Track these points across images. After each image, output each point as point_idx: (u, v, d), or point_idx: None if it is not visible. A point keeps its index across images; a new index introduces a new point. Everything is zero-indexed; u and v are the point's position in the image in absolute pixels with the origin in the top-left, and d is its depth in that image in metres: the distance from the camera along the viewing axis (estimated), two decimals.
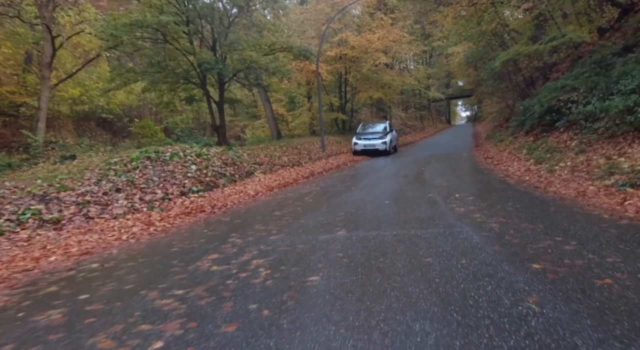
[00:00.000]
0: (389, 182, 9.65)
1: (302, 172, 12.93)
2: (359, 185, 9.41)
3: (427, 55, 43.78)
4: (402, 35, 22.59)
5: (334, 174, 12.82)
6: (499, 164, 11.13)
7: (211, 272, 3.72)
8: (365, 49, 22.04)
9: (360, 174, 12.21)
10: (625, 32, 13.51)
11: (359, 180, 10.53)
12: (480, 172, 10.21)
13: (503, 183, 8.04)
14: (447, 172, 10.64)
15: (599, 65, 11.75)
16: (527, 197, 6.35)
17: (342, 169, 14.27)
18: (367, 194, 7.92)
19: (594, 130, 8.93)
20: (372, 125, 20.44)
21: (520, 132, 14.21)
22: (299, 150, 16.58)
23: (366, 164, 15.51)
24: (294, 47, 16.00)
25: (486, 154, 14.06)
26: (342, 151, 19.55)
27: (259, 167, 12.67)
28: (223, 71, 14.87)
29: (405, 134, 31.87)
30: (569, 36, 14.17)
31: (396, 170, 12.26)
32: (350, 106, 27.20)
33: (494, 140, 16.98)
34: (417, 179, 9.86)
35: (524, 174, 8.91)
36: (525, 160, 10.52)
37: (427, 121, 44.08)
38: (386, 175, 11.02)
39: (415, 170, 11.68)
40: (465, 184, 8.33)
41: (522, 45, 15.56)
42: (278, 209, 7.20)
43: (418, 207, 6.13)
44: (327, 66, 22.07)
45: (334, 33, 22.78)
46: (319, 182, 10.96)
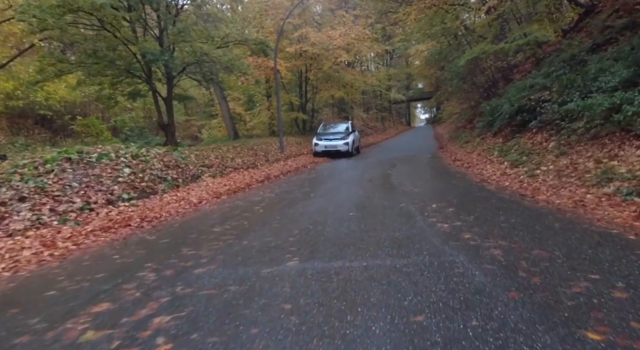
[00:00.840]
0: (353, 187, 8.42)
1: (257, 176, 11.50)
2: (319, 191, 8.12)
3: (387, 56, 43.29)
4: (364, 33, 21.56)
5: (292, 177, 11.48)
6: (470, 167, 10.17)
7: (77, 346, 2.29)
8: (326, 46, 20.85)
9: (321, 177, 10.94)
10: (590, 31, 12.98)
11: (320, 185, 9.25)
12: (452, 176, 9.17)
13: (482, 189, 6.98)
14: (416, 176, 9.56)
15: (569, 63, 11.07)
16: (517, 207, 5.27)
17: (301, 171, 12.95)
18: (328, 203, 6.63)
19: (573, 130, 8.09)
20: (334, 125, 19.25)
21: (488, 133, 13.43)
22: (255, 152, 15.12)
23: (327, 166, 14.27)
24: (250, 39, 14.53)
25: (453, 156, 13.16)
26: (302, 152, 18.23)
27: (207, 170, 11.12)
28: (169, 63, 13.18)
29: (367, 135, 30.98)
30: (534, 35, 13.55)
31: (360, 173, 11.08)
32: (311, 106, 25.94)
33: (459, 142, 16.20)
34: (384, 183, 8.70)
35: (501, 178, 7.92)
36: (499, 163, 9.61)
37: (388, 123, 43.56)
38: (349, 179, 9.80)
39: (380, 173, 10.54)
40: (439, 191, 7.21)
41: (487, 43, 14.85)
42: (220, 222, 5.78)
43: (390, 222, 4.90)
44: (286, 63, 20.69)
45: (294, 29, 21.45)
46: (274, 187, 9.59)
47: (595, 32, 12.40)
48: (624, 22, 10.97)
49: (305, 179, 10.64)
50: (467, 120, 19.46)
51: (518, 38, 13.88)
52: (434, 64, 19.59)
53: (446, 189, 7.39)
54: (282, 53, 21.31)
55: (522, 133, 10.69)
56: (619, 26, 10.96)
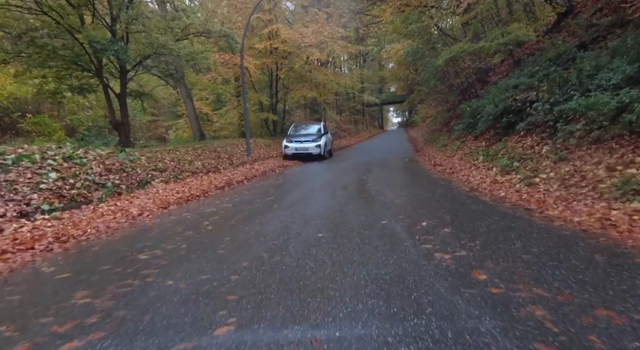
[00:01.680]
0: (324, 196, 7.16)
1: (217, 181, 10.08)
2: (284, 202, 6.81)
3: (361, 59, 42.43)
4: (337, 31, 20.41)
5: (257, 183, 10.12)
6: (453, 173, 9.08)
7: None
8: (297, 44, 19.58)
9: (289, 183, 9.63)
10: (573, 31, 12.26)
11: (286, 193, 7.94)
12: (436, 183, 8.04)
13: (476, 201, 5.84)
14: (396, 183, 8.39)
15: (556, 62, 10.20)
16: (530, 227, 4.12)
17: (268, 176, 11.60)
18: (293, 218, 5.34)
19: (570, 133, 7.10)
20: (305, 127, 17.96)
21: (469, 136, 12.45)
22: (219, 154, 13.64)
23: (297, 170, 12.96)
24: (213, 31, 13.06)
25: (432, 160, 12.11)
26: (272, 155, 16.86)
27: (159, 175, 9.61)
28: (120, 54, 11.56)
29: (340, 138, 29.86)
30: (515, 34, 12.66)
31: (333, 178, 9.84)
32: (282, 106, 24.56)
33: (436, 145, 15.22)
34: (360, 192, 7.47)
35: (493, 187, 6.83)
36: (486, 168, 8.56)
37: (361, 125, 42.67)
38: (321, 186, 8.54)
39: (356, 179, 9.32)
40: (426, 202, 6.02)
41: (466, 42, 13.92)
42: (153, 245, 4.39)
43: (372, 249, 3.65)
44: (256, 61, 19.27)
45: (264, 24, 20.08)
46: (234, 195, 8.22)
47: (580, 31, 11.67)
48: (610, 20, 10.26)
49: (271, 186, 9.31)
50: (443, 123, 18.57)
51: (498, 37, 12.99)
52: (409, 64, 18.56)
53: (433, 199, 6.21)
54: (251, 50, 19.91)
55: (509, 136, 9.71)
56: (606, 24, 10.24)
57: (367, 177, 9.44)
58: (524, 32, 12.86)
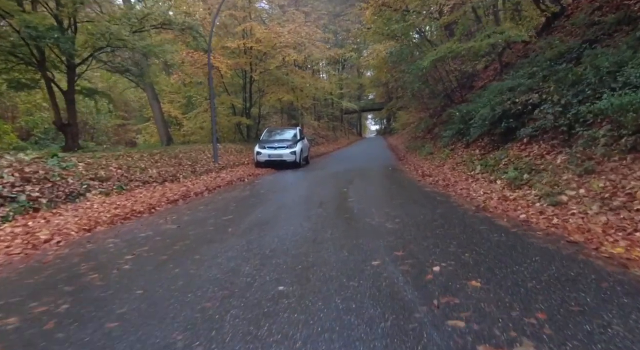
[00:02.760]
0: (295, 217, 5.59)
1: (171, 193, 8.38)
2: (243, 224, 5.22)
3: (340, 65, 41.23)
4: (315, 31, 18.99)
5: (219, 195, 8.48)
6: (448, 186, 7.66)
7: None
8: (273, 44, 18.04)
9: (256, 196, 8.01)
10: (569, 31, 11.19)
11: (249, 210, 6.33)
12: (431, 198, 6.57)
13: (492, 226, 4.38)
14: (383, 198, 6.89)
15: (557, 61, 9.02)
16: (600, 279, 2.66)
17: (234, 186, 9.95)
18: (248, 254, 3.75)
19: (592, 139, 5.79)
20: (280, 132, 16.36)
21: (459, 144, 11.14)
22: (180, 160, 11.90)
23: (269, 180, 11.35)
24: (175, 23, 11.37)
25: (419, 170, 10.70)
26: (242, 162, 15.18)
27: (99, 185, 7.85)
28: (62, 43, 9.77)
29: (318, 144, 28.38)
30: (507, 33, 11.50)
31: (308, 191, 8.30)
32: (257, 111, 22.92)
33: (421, 153, 13.88)
34: (340, 210, 5.94)
35: (505, 205, 5.41)
36: (488, 181, 7.17)
37: (339, 132, 41.36)
38: (293, 202, 6.97)
39: (334, 192, 7.79)
40: (427, 228, 4.51)
41: (454, 41, 12.68)
42: (20, 303, 2.73)
43: (363, 327, 2.11)
44: (228, 60, 17.62)
45: (238, 23, 18.49)
46: (186, 211, 6.56)
47: (578, 30, 10.58)
48: (615, 17, 9.15)
49: (234, 199, 7.68)
50: (427, 129, 17.31)
51: (489, 36, 11.80)
52: (392, 66, 17.23)
53: (435, 223, 4.72)
54: (224, 50, 18.27)
55: (509, 143, 8.40)
56: (611, 21, 9.12)
57: (348, 190, 7.92)
58: (516, 32, 11.69)
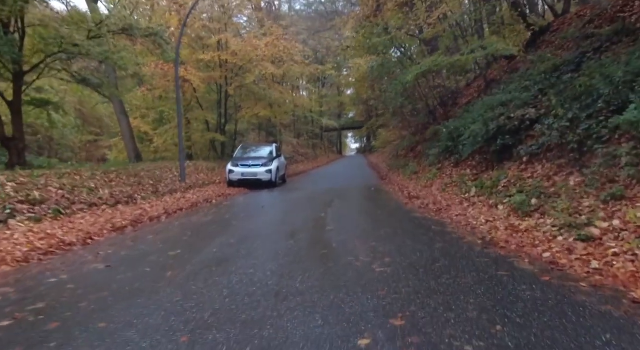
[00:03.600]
0: (259, 253, 4.39)
1: (121, 218, 7.05)
2: (190, 263, 4.00)
3: (320, 83, 40.59)
4: (294, 46, 18.11)
5: (178, 220, 7.21)
6: (440, 211, 6.60)
7: None
8: (249, 57, 17.03)
9: (220, 223, 6.78)
10: (560, 45, 10.55)
11: (206, 242, 5.10)
12: (424, 227, 5.49)
13: (515, 272, 3.27)
14: (367, 227, 5.75)
15: (553, 75, 8.28)
16: None
17: (198, 209, 8.68)
18: (178, 319, 2.54)
19: (612, 158, 4.87)
20: (255, 149, 15.19)
21: (447, 162, 10.20)
22: (140, 179, 10.55)
23: (240, 201, 10.13)
24: (137, 28, 10.21)
25: (405, 191, 9.67)
26: (214, 181, 13.90)
27: (28, 209, 6.48)
28: (2, 48, 8.47)
29: (297, 162, 27.25)
30: (495, 47, 10.79)
31: (281, 217, 7.12)
32: (233, 127, 21.74)
33: (405, 173, 12.91)
34: (315, 244, 4.78)
35: (517, 238, 4.34)
36: (487, 206, 6.14)
37: (319, 150, 40.37)
38: (260, 231, 5.77)
39: (311, 218, 6.63)
40: (430, 275, 3.37)
41: (439, 55, 11.91)
42: None
43: None
44: (200, 73, 16.50)
45: (212, 34, 17.44)
46: (127, 243, 5.28)
47: (571, 43, 9.93)
48: (612, 29, 8.50)
49: (192, 227, 6.43)
50: (409, 147, 16.44)
51: (477, 50, 11.08)
52: (374, 80, 16.34)
53: (439, 267, 3.60)
54: (197, 62, 17.15)
55: (505, 162, 7.48)
56: (607, 33, 8.45)
57: (327, 215, 6.78)
58: (504, 46, 11.01)
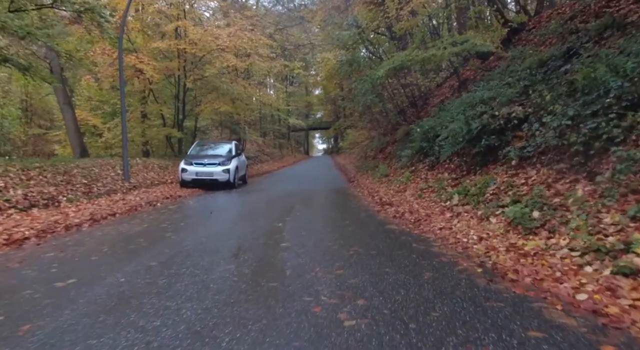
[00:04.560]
0: (182, 288, 3.06)
1: (25, 226, 5.49)
2: (69, 311, 2.63)
3: (287, 82, 39.23)
4: (259, 37, 16.72)
5: (100, 230, 5.72)
6: (420, 222, 5.48)
7: None
8: (210, 48, 15.50)
9: (149, 234, 5.34)
10: (542, 41, 9.79)
11: (119, 264, 3.72)
12: (405, 246, 4.32)
13: (554, 331, 2.16)
14: (334, 245, 4.48)
15: (539, 70, 7.44)
16: None
17: (136, 215, 7.19)
18: None
19: (633, 162, 3.91)
20: (213, 146, 13.70)
21: (420, 165, 9.19)
22: (71, 178, 8.90)
23: (188, 205, 8.68)
24: (68, 1, 8.54)
25: (375, 195, 8.56)
26: (165, 180, 12.33)
27: None
28: None
29: (262, 162, 25.80)
30: (472, 42, 9.91)
31: (229, 226, 5.78)
32: (193, 123, 20.07)
33: (375, 175, 11.85)
34: (264, 270, 3.49)
35: (529, 266, 3.23)
36: (476, 217, 5.06)
37: (286, 150, 39.01)
38: (196, 248, 4.41)
39: (266, 230, 5.34)
40: (429, 337, 2.21)
41: (413, 49, 10.91)
42: None
43: None
44: (155, 63, 14.83)
45: (170, 21, 15.78)
46: (15, 264, 3.84)
47: (554, 39, 9.16)
48: (600, 23, 7.73)
49: (113, 241, 4.98)
50: (379, 148, 15.45)
51: (452, 44, 10.16)
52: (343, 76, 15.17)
53: (437, 318, 2.43)
54: (152, 51, 15.45)
55: (490, 165, 6.50)
56: (595, 28, 7.70)
57: (284, 225, 5.53)
58: (481, 41, 10.13)
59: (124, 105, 10.64)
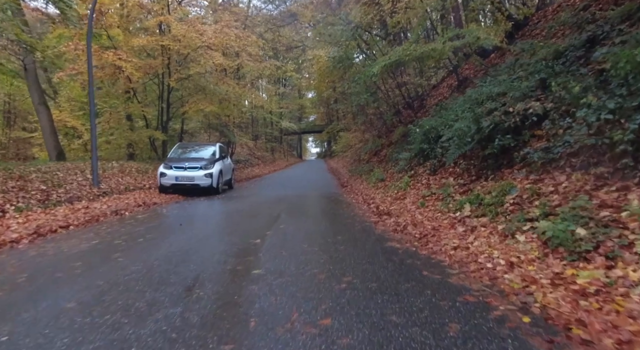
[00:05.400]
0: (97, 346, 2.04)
1: None
2: None
3: (280, 84, 38.21)
4: (247, 35, 15.70)
5: (40, 248, 4.61)
6: (426, 238, 4.46)
7: None
8: (195, 45, 14.46)
9: (96, 254, 4.27)
10: (552, 34, 8.90)
11: (20, 307, 2.68)
12: (413, 274, 3.30)
13: None
14: (322, 274, 3.42)
15: (556, 61, 6.51)
16: None
17: (94, 226, 6.09)
18: None
19: None
20: (196, 149, 12.61)
21: (420, 169, 8.20)
22: (27, 183, 7.76)
23: (159, 214, 7.58)
24: None
25: (371, 202, 7.55)
26: (143, 186, 11.20)
27: None
28: None
29: (252, 166, 24.73)
30: (475, 35, 9.01)
31: (193, 245, 4.70)
32: (179, 126, 18.96)
33: (370, 180, 10.84)
34: (216, 327, 2.42)
35: (598, 315, 2.25)
36: (496, 233, 4.03)
37: (278, 153, 37.96)
38: (138, 280, 3.31)
39: (238, 250, 4.27)
40: None
41: (409, 44, 9.96)
42: None
43: None
44: (135, 59, 13.73)
45: (151, 16, 14.71)
46: None
47: (567, 30, 8.26)
48: (621, 10, 6.82)
49: (41, 265, 3.88)
50: (373, 151, 14.46)
51: (453, 39, 9.23)
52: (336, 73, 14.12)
53: None
54: (130, 47, 14.34)
55: (504, 169, 5.52)
56: (616, 16, 6.78)
57: (263, 243, 4.48)
58: (485, 35, 9.23)
59: (93, 104, 9.53)
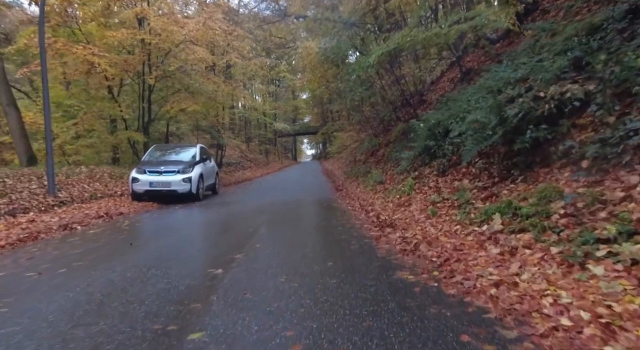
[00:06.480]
0: None
1: None
2: None
3: (274, 85, 36.97)
4: (234, 29, 14.46)
5: None
6: (449, 264, 3.23)
7: None
8: (177, 40, 13.22)
9: (11, 285, 3.03)
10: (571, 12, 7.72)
11: None
12: (450, 343, 2.07)
13: None
14: (303, 333, 2.22)
15: (593, 36, 5.33)
16: None
17: (23, 247, 4.80)
18: None
19: None
20: (175, 150, 11.33)
21: (426, 169, 6.97)
22: None
23: (116, 229, 6.27)
24: None
25: (370, 210, 6.31)
26: (114, 193, 9.91)
27: None
28: None
29: (243, 169, 23.48)
30: (485, 16, 7.84)
31: (133, 277, 3.41)
32: (164, 128, 17.67)
33: (367, 182, 9.60)
34: None
35: None
36: (552, 258, 2.83)
37: (272, 156, 36.74)
38: (46, 333, 2.11)
39: (188, 287, 2.99)
40: None
41: (411, 28, 8.75)
42: None
43: None
44: (109, 55, 12.47)
45: (127, 6, 13.46)
46: None
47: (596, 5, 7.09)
48: None
49: None
50: (370, 151, 13.25)
51: (459, 21, 8.06)
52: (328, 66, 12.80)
53: None
54: (105, 41, 13.06)
55: (537, 168, 4.31)
56: None
57: (224, 278, 3.22)
58: (494, 16, 8.04)
59: (47, 99, 8.24)
